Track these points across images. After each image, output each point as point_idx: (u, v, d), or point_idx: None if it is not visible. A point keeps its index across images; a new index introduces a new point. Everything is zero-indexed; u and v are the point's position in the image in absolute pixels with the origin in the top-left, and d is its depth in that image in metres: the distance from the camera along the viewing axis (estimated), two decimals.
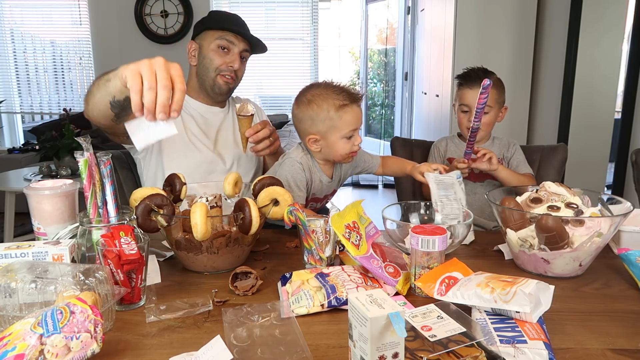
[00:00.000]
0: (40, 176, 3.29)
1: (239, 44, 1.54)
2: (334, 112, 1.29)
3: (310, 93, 1.34)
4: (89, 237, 0.97)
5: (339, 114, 1.29)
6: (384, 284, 0.95)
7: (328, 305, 0.88)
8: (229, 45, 1.53)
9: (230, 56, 1.53)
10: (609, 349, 0.77)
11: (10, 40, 4.99)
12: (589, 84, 3.05)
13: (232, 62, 1.53)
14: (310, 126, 1.33)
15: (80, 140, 0.97)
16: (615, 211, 1.09)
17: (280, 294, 0.96)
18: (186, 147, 1.52)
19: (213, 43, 1.53)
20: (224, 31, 1.52)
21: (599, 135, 3.11)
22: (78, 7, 4.86)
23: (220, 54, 1.53)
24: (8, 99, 5.07)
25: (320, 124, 1.31)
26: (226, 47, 1.53)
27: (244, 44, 1.55)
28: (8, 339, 0.66)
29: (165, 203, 1.04)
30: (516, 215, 1.07)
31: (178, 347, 0.78)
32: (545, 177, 1.76)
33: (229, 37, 1.52)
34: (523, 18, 3.40)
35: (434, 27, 4.07)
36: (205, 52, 1.54)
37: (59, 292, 0.78)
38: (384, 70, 6.45)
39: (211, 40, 1.53)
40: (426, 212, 1.29)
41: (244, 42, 1.55)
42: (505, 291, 0.80)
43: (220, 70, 1.53)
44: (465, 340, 0.69)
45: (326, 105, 1.30)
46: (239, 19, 1.60)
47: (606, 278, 1.04)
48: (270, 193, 1.14)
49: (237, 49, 1.53)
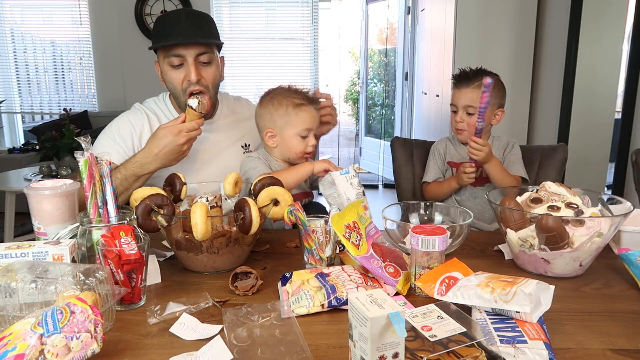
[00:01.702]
0: (41, 176, 3.29)
1: (188, 51, 1.37)
2: (292, 109, 1.39)
3: (274, 92, 1.45)
4: (89, 237, 0.97)
5: (296, 111, 1.39)
6: (384, 284, 0.95)
7: (328, 305, 0.88)
8: (179, 59, 1.39)
9: (185, 69, 1.40)
10: (609, 349, 0.77)
11: (11, 40, 4.99)
12: (589, 84, 3.05)
13: (188, 74, 1.39)
14: (269, 121, 1.42)
15: (81, 140, 0.97)
16: (616, 211, 1.09)
17: (281, 294, 0.95)
18: None
19: (164, 63, 1.41)
20: (166, 48, 1.38)
21: (599, 135, 3.11)
22: (78, 7, 4.86)
23: (176, 72, 1.40)
24: (8, 99, 5.07)
25: (278, 119, 1.40)
26: (178, 62, 1.39)
27: (194, 49, 1.38)
28: (8, 339, 0.66)
29: (165, 203, 1.04)
30: (516, 215, 1.07)
31: (178, 347, 0.78)
32: (546, 177, 1.76)
33: (174, 50, 1.37)
34: (523, 18, 3.39)
35: (434, 27, 4.07)
36: (164, 75, 1.44)
37: (59, 292, 0.78)
38: (384, 70, 6.45)
39: (162, 60, 1.42)
40: (426, 212, 1.29)
41: (194, 46, 1.38)
42: (506, 291, 0.80)
43: (184, 89, 1.41)
44: (465, 341, 0.69)
45: (285, 102, 1.40)
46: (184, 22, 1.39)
47: (606, 278, 1.04)
48: (271, 193, 1.14)
49: (190, 58, 1.38)
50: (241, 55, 4.85)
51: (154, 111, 1.54)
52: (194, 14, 1.44)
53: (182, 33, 1.36)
